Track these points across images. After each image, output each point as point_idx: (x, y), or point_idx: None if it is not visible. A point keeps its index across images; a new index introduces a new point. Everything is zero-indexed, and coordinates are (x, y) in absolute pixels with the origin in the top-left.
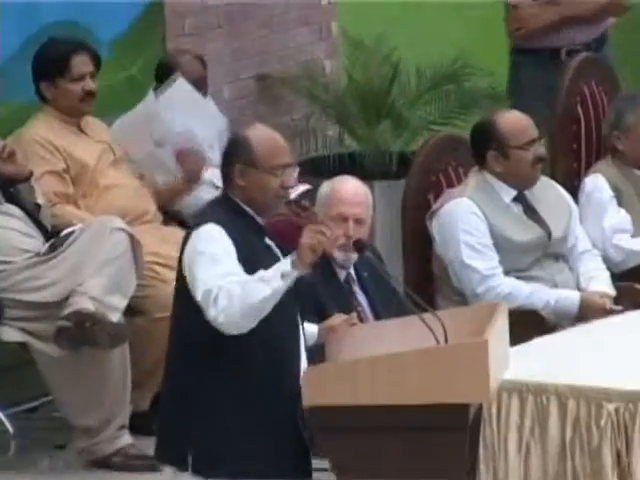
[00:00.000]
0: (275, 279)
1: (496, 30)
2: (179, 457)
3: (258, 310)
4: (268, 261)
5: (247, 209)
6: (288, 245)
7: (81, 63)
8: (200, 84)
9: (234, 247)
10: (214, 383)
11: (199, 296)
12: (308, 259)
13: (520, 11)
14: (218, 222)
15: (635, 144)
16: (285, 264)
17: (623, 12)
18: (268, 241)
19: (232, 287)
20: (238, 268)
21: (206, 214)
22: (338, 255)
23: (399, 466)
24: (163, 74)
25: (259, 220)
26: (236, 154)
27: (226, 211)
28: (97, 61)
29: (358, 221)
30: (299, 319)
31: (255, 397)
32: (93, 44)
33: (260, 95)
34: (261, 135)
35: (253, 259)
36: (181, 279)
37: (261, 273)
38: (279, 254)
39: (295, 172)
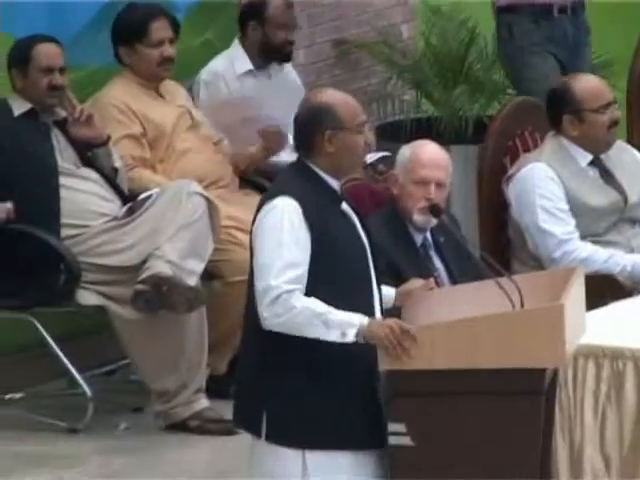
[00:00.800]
0: (335, 330)
1: None
2: (254, 422)
3: (300, 335)
4: (344, 227)
5: (324, 176)
6: (362, 210)
7: (160, 28)
8: (291, 6)
9: (305, 221)
10: (288, 348)
11: (258, 284)
12: (373, 342)
13: None
14: (293, 194)
15: None
16: (352, 326)
17: None
18: (345, 206)
19: (297, 307)
20: (303, 256)
21: (282, 184)
22: (418, 218)
23: (475, 430)
24: (253, 11)
25: (335, 186)
26: (320, 121)
27: (302, 180)
28: (176, 27)
29: (439, 185)
30: (374, 283)
31: (328, 362)
32: (170, 9)
33: (337, 60)
34: (338, 97)
35: (327, 228)
36: (252, 249)
37: (327, 317)
38: (355, 220)
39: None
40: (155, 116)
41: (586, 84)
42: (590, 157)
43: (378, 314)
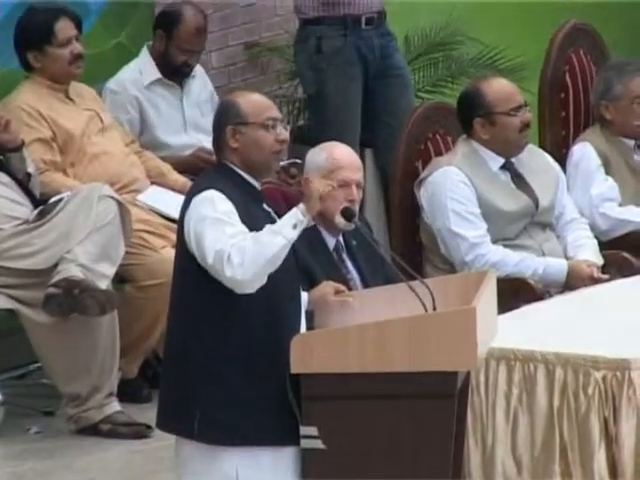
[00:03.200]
0: (287, 229)
1: None
2: (184, 423)
3: (272, 263)
4: (266, 225)
5: (244, 175)
6: (281, 212)
7: (65, 28)
8: (201, 35)
9: (236, 211)
10: (216, 349)
11: (210, 259)
12: (316, 207)
13: None
14: (217, 188)
15: (623, 114)
16: (294, 214)
17: None
18: (266, 207)
19: (243, 243)
20: (244, 228)
21: (204, 182)
22: (340, 221)
23: (387, 434)
24: (165, 22)
25: (256, 186)
26: (225, 118)
27: (224, 179)
28: (79, 24)
29: (358, 186)
30: (299, 285)
31: (254, 363)
32: (82, 12)
33: (248, 63)
34: (246, 95)
35: (252, 226)
36: (182, 246)
37: (270, 226)
38: (277, 220)
39: (287, 129)
40: (64, 120)
41: (497, 87)
42: (502, 161)
43: (303, 314)
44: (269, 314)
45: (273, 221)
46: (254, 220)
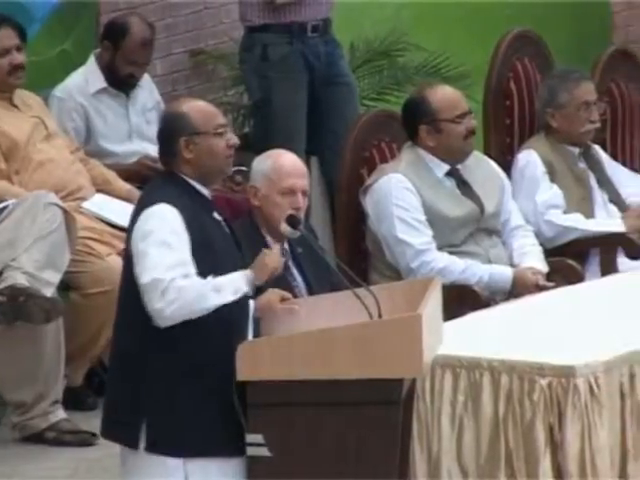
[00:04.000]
0: (228, 292)
1: (430, 6)
2: (130, 433)
3: (200, 314)
4: (218, 236)
5: (195, 185)
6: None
7: (5, 37)
8: (147, 48)
9: (186, 228)
10: (162, 359)
11: (145, 280)
12: (264, 279)
13: None
14: (169, 201)
15: (569, 121)
16: (240, 279)
17: None
18: (217, 216)
19: (185, 285)
20: (189, 257)
21: (155, 193)
22: (285, 229)
23: (333, 441)
24: (112, 33)
25: (207, 195)
26: (176, 129)
27: (174, 189)
28: (22, 34)
29: (304, 193)
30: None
31: (202, 373)
32: (26, 19)
33: (193, 71)
34: (193, 104)
35: (204, 235)
36: (129, 257)
37: (215, 281)
38: (227, 229)
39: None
40: (9, 127)
41: (442, 94)
42: (447, 167)
43: (251, 321)
44: (217, 322)
45: (223, 230)
46: (205, 230)
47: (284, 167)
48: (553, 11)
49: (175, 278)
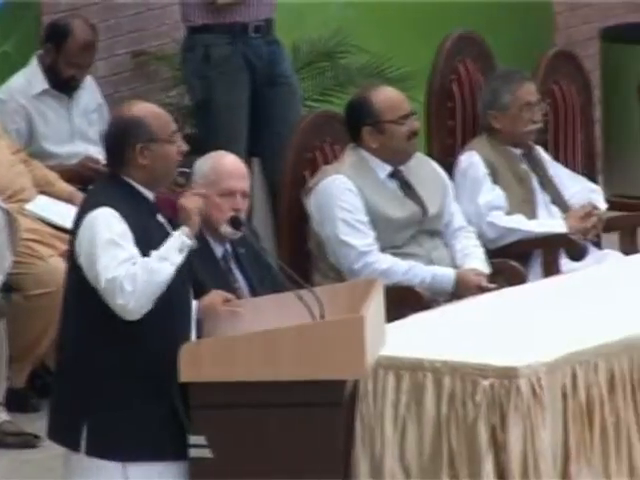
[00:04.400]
0: (174, 254)
1: (374, 7)
2: (73, 436)
3: (161, 289)
4: (162, 238)
5: (140, 188)
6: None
7: None
8: (89, 50)
9: (129, 229)
10: (106, 361)
11: (102, 284)
12: (197, 224)
13: None
14: (111, 205)
15: (512, 122)
16: (179, 237)
17: None
18: (160, 218)
19: (135, 271)
20: (136, 251)
21: (98, 196)
22: (226, 230)
23: (276, 442)
24: (54, 35)
25: (151, 198)
26: (132, 135)
27: (117, 192)
28: None
29: (244, 195)
30: (191, 294)
31: (145, 375)
32: None
33: (135, 72)
34: (146, 110)
35: (147, 238)
36: (73, 260)
37: (157, 252)
38: (171, 230)
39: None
40: None
41: (385, 96)
42: (389, 169)
43: (194, 322)
44: (161, 325)
45: (166, 232)
46: (148, 232)
47: (224, 169)
48: (496, 13)
49: (127, 271)
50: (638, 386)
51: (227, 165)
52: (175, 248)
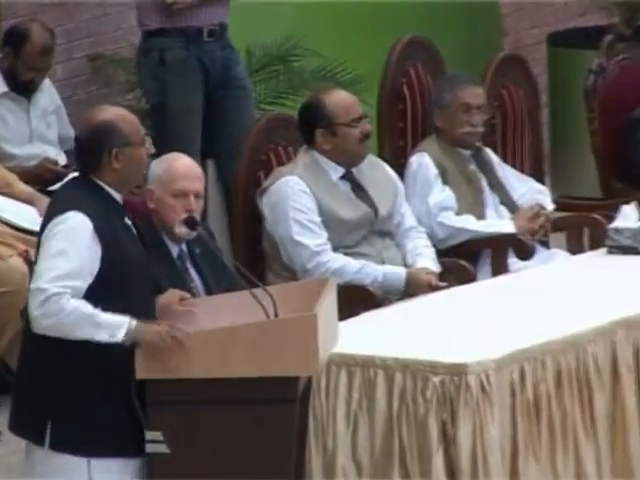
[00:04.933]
0: (104, 331)
1: (326, 12)
2: (36, 430)
3: (72, 338)
4: (129, 240)
5: (110, 191)
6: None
7: None
8: (47, 54)
9: (97, 235)
10: (68, 359)
11: (32, 286)
12: (145, 344)
13: None
14: (82, 209)
15: (449, 122)
16: (121, 326)
17: None
18: (127, 221)
19: (67, 308)
20: (84, 269)
21: (68, 199)
22: (180, 230)
23: (231, 438)
24: (12, 39)
25: (119, 201)
26: (105, 140)
27: (90, 195)
28: None
29: (197, 196)
30: (153, 294)
31: (106, 374)
32: None
33: (93, 75)
34: (118, 114)
35: (117, 240)
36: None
37: (97, 318)
38: (135, 233)
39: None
40: None
41: (337, 99)
42: (342, 171)
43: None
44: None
45: (133, 234)
46: (117, 235)
47: (177, 170)
48: (446, 18)
49: (62, 296)
50: (584, 382)
51: (180, 167)
52: (110, 330)
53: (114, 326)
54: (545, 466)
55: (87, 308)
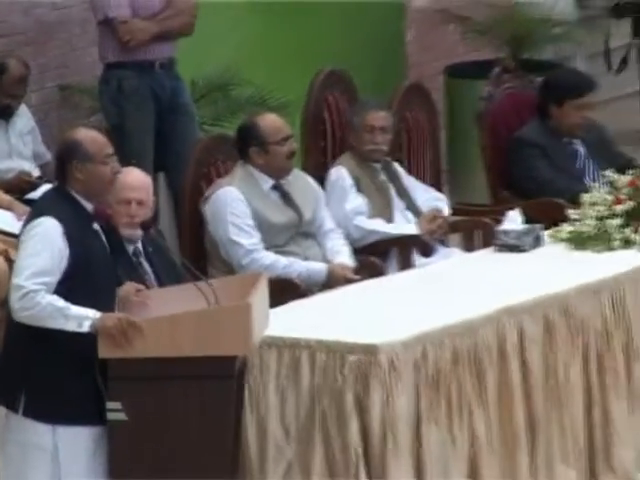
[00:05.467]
0: (73, 322)
1: (258, 48)
2: (13, 399)
3: (44, 326)
4: (96, 244)
5: (80, 200)
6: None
7: None
8: (23, 83)
9: (66, 239)
10: (43, 339)
11: (12, 282)
12: (105, 333)
13: (130, 25)
14: (54, 215)
15: (357, 141)
16: (87, 318)
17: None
18: (95, 226)
19: (42, 303)
20: (54, 267)
21: (44, 206)
22: (125, 231)
23: (179, 408)
24: None
25: (89, 209)
26: (71, 154)
27: (61, 203)
28: None
29: (140, 203)
30: (115, 288)
31: (75, 352)
32: None
33: (62, 102)
34: (86, 135)
35: (84, 244)
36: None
37: (67, 311)
38: (103, 237)
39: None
40: None
41: (269, 121)
42: (272, 182)
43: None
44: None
45: (100, 238)
46: (85, 239)
47: (124, 181)
48: (360, 52)
49: (37, 293)
50: (476, 360)
51: (127, 178)
52: (78, 322)
53: (81, 318)
54: (443, 430)
55: (59, 303)
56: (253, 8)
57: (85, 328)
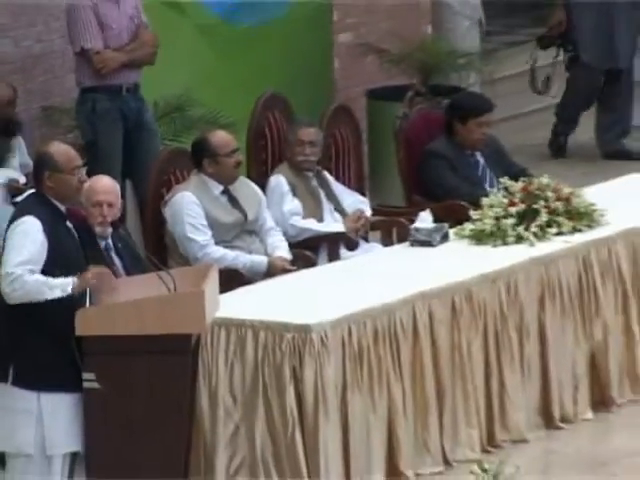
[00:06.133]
0: (57, 289)
1: (210, 74)
2: (2, 370)
3: (39, 300)
4: (68, 239)
5: (55, 202)
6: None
7: None
8: (11, 106)
9: (45, 234)
10: (29, 317)
11: (2, 271)
12: (84, 288)
13: (102, 55)
14: (34, 214)
15: (292, 152)
16: (68, 283)
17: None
18: (68, 224)
19: (28, 281)
20: (37, 257)
21: (25, 207)
22: (97, 229)
23: (143, 379)
24: None
25: (62, 210)
26: (43, 164)
27: (39, 204)
28: None
29: (110, 205)
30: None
31: (56, 330)
32: None
33: (45, 120)
34: (58, 148)
35: (58, 239)
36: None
37: (51, 282)
38: (75, 234)
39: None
40: None
41: (219, 137)
42: (221, 188)
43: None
44: (65, 297)
45: (72, 235)
46: (59, 235)
47: (95, 187)
48: (296, 79)
49: (23, 275)
50: (394, 338)
51: (98, 184)
52: (61, 288)
53: (63, 285)
54: (366, 398)
55: (41, 278)
56: (205, 41)
57: (69, 291)
